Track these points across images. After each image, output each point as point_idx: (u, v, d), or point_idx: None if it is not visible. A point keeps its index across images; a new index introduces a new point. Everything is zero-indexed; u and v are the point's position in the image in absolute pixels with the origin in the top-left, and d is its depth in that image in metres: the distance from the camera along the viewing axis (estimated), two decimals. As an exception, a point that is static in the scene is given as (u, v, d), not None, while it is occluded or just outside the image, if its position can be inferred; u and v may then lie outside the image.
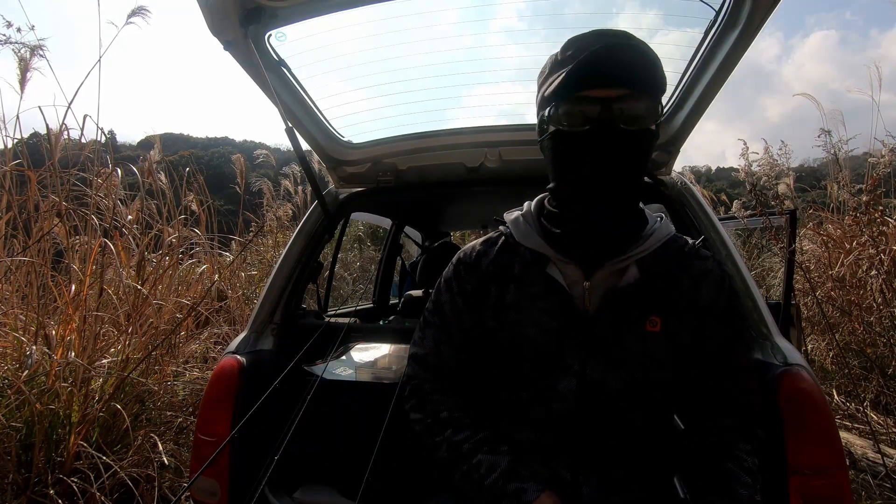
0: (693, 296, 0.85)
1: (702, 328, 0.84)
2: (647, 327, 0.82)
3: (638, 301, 0.83)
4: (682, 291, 0.85)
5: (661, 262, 0.85)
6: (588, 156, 0.78)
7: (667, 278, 0.85)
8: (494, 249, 0.94)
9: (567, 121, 0.78)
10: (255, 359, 1.38)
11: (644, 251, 0.83)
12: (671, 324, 0.83)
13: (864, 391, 3.03)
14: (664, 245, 0.85)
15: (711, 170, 36.51)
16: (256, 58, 1.19)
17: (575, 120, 0.77)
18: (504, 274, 0.91)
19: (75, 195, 2.49)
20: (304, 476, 1.41)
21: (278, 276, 1.55)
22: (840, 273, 3.32)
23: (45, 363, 1.97)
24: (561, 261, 0.85)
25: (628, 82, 0.75)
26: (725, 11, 1.09)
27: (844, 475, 0.96)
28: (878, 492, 2.22)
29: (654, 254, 0.84)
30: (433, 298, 0.99)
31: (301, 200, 5.16)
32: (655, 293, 0.84)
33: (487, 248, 0.96)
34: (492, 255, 0.94)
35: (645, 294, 0.84)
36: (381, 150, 1.71)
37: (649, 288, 0.84)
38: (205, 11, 1.10)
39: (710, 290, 0.85)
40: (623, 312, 0.83)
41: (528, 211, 0.94)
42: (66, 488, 1.82)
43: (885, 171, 3.17)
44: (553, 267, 0.86)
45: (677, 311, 0.84)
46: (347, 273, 5.63)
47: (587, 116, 0.76)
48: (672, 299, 0.84)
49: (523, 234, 0.89)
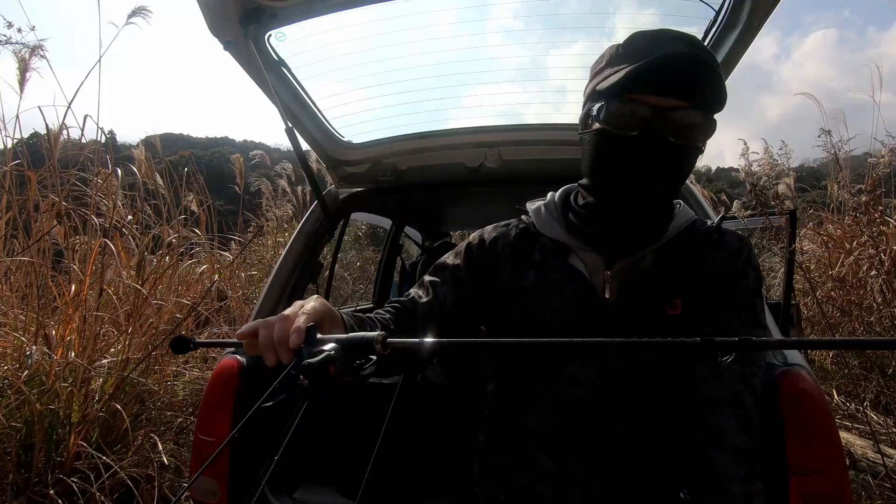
0: (711, 271, 0.83)
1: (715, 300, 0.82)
2: (667, 311, 0.81)
3: (657, 286, 0.82)
4: (702, 270, 0.84)
5: (680, 245, 0.84)
6: (631, 164, 0.75)
7: (686, 260, 0.84)
8: (512, 234, 0.94)
9: (616, 122, 0.75)
10: (255, 359, 1.37)
11: (664, 239, 0.83)
12: (692, 305, 0.82)
13: (864, 391, 3.03)
14: (684, 230, 0.84)
15: (711, 170, 36.52)
16: (256, 58, 1.19)
17: (624, 122, 0.74)
18: (522, 258, 0.90)
19: (75, 195, 2.49)
20: (304, 476, 1.41)
21: (278, 276, 1.55)
22: (840, 273, 3.32)
23: (45, 363, 1.97)
24: (582, 249, 0.85)
25: (689, 95, 0.71)
26: (725, 11, 1.09)
27: (844, 475, 0.96)
28: (878, 492, 2.22)
29: (673, 239, 0.83)
30: (438, 263, 0.97)
31: (301, 200, 5.16)
32: (675, 276, 0.83)
33: (505, 231, 0.95)
34: (509, 238, 0.93)
35: (663, 278, 0.83)
36: (381, 150, 1.71)
37: (668, 271, 0.83)
38: (205, 11, 1.10)
39: (725, 259, 0.84)
40: (642, 298, 0.82)
41: (551, 201, 0.93)
42: (66, 488, 1.82)
43: (885, 171, 3.17)
44: (574, 257, 0.86)
45: (698, 290, 0.82)
46: (347, 273, 5.62)
47: (638, 121, 0.73)
48: (692, 280, 0.83)
49: (545, 223, 0.89)
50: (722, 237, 0.86)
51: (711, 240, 0.86)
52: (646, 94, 0.72)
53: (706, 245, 0.85)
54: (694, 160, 0.78)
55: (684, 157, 0.76)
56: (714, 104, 0.74)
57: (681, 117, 0.72)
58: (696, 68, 0.70)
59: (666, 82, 0.71)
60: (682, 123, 0.72)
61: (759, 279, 0.85)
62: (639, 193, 0.77)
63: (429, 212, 2.90)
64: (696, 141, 0.75)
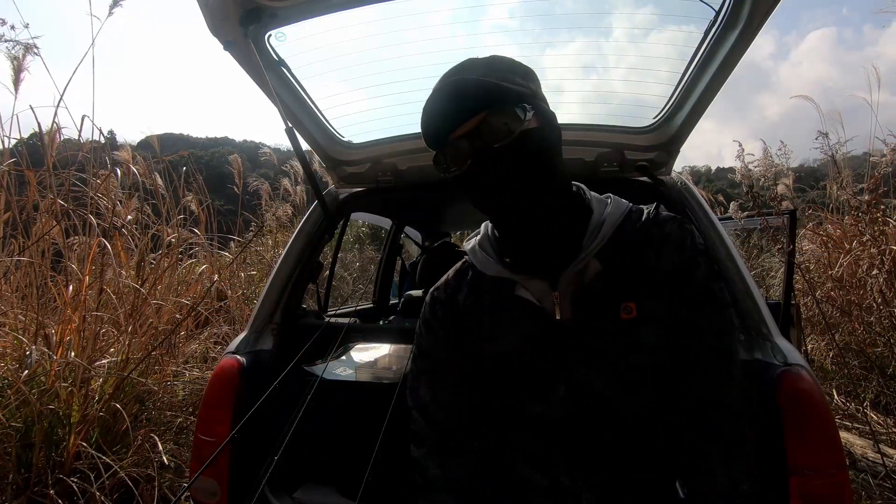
0: (659, 266, 0.82)
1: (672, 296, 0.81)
2: (622, 316, 0.80)
3: (605, 293, 0.82)
4: (649, 267, 0.82)
5: (622, 244, 0.83)
6: (484, 188, 0.77)
7: (631, 259, 0.83)
8: (465, 283, 0.94)
9: (452, 165, 0.78)
10: (255, 359, 1.38)
11: (600, 242, 0.81)
12: (647, 305, 0.80)
13: (864, 391, 3.03)
14: (621, 226, 0.83)
15: (711, 170, 36.54)
16: (256, 58, 1.19)
17: (455, 162, 0.78)
18: (478, 307, 0.91)
19: (74, 195, 2.49)
20: (304, 476, 1.41)
21: (278, 277, 1.55)
22: (840, 273, 3.32)
23: (45, 363, 1.97)
24: (525, 279, 0.85)
25: (479, 107, 0.74)
26: (725, 11, 1.09)
27: (844, 475, 0.96)
28: (878, 492, 2.22)
29: (612, 239, 0.82)
30: (417, 342, 0.98)
31: (301, 200, 5.17)
32: (622, 279, 0.82)
33: (459, 283, 0.96)
34: (465, 289, 0.94)
35: (611, 283, 0.82)
36: (381, 150, 1.71)
37: (614, 276, 0.82)
38: (205, 11, 1.10)
39: (672, 253, 0.82)
40: (593, 310, 0.82)
41: (483, 236, 0.93)
42: (66, 488, 1.82)
43: (886, 170, 3.17)
44: (520, 288, 0.86)
45: (650, 289, 0.81)
46: (347, 273, 5.63)
47: (463, 156, 0.76)
48: (642, 279, 0.82)
49: (483, 264, 0.89)
50: (662, 229, 0.84)
51: (653, 234, 0.84)
52: (452, 131, 0.76)
53: (648, 241, 0.83)
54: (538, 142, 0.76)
55: (522, 147, 0.74)
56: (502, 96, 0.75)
57: (489, 125, 0.74)
58: (462, 87, 0.75)
59: (450, 118, 0.76)
60: (494, 130, 0.74)
61: (709, 260, 0.83)
62: (515, 211, 0.77)
63: (429, 212, 2.90)
64: (517, 128, 0.74)
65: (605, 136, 1.57)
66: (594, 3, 1.44)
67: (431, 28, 1.30)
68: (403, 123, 1.68)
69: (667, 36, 1.34)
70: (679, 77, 1.34)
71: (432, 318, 0.96)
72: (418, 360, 0.97)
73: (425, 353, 0.96)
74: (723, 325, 0.81)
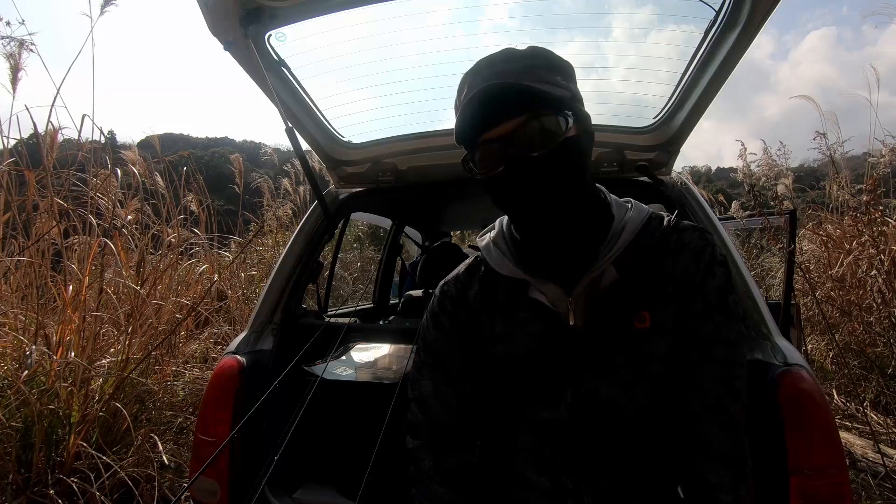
0: (674, 273, 0.81)
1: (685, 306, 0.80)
2: (635, 325, 0.79)
3: (620, 301, 0.81)
4: (666, 275, 0.81)
5: (639, 252, 0.82)
6: (515, 194, 0.76)
7: (648, 267, 0.82)
8: (477, 279, 0.93)
9: (481, 167, 0.77)
10: (255, 359, 1.38)
11: (618, 250, 0.80)
12: (661, 314, 0.80)
13: (864, 391, 3.03)
14: (640, 234, 0.82)
15: (711, 170, 36.56)
16: (256, 58, 1.19)
17: (487, 165, 0.76)
18: (491, 306, 0.90)
19: (74, 195, 2.49)
20: (304, 476, 1.41)
21: (278, 277, 1.55)
22: (840, 273, 3.32)
23: (45, 363, 1.97)
24: (540, 282, 0.83)
25: (518, 111, 0.72)
26: (725, 11, 1.09)
27: (844, 475, 0.96)
28: (878, 492, 2.22)
29: (629, 247, 0.81)
30: (422, 335, 0.97)
31: (301, 200, 5.17)
32: (638, 287, 0.81)
33: (470, 278, 0.94)
34: (476, 286, 0.93)
35: (626, 292, 0.81)
36: (381, 150, 1.71)
37: (631, 285, 0.81)
38: (205, 12, 1.10)
39: (688, 261, 0.81)
40: (609, 318, 0.81)
41: (498, 233, 0.92)
42: (65, 488, 1.82)
43: (885, 170, 3.18)
44: (534, 290, 0.84)
45: (664, 298, 0.80)
46: (347, 273, 5.63)
47: (496, 158, 0.74)
48: (657, 288, 0.81)
49: (498, 263, 0.87)
50: (681, 237, 0.83)
51: (671, 242, 0.83)
52: (485, 132, 0.74)
53: (666, 249, 0.82)
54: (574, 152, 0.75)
55: (559, 158, 0.73)
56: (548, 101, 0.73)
57: (527, 131, 0.72)
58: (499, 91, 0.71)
59: (491, 115, 0.73)
60: (532, 136, 0.72)
61: (727, 272, 0.82)
62: (544, 219, 0.77)
63: (429, 212, 2.90)
64: (557, 139, 0.73)
65: (605, 136, 1.57)
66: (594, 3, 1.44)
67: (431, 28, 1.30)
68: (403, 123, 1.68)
69: (667, 36, 1.34)
70: (679, 77, 1.34)
71: (441, 311, 0.95)
72: (422, 353, 0.96)
73: (430, 346, 0.95)
74: (731, 336, 0.80)
